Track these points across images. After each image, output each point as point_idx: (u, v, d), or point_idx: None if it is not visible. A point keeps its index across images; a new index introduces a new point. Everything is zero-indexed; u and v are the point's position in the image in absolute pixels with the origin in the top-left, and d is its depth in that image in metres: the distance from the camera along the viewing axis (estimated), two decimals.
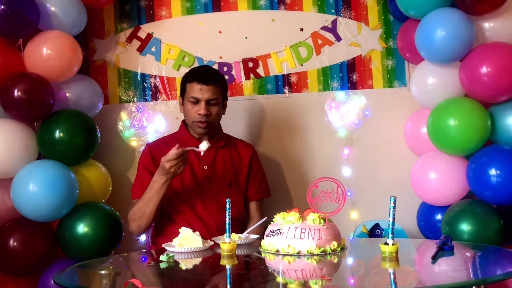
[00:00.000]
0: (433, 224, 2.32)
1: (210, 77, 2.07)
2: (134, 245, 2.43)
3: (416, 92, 2.36)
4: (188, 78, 2.09)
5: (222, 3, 2.56)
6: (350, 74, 2.59)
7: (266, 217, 1.87)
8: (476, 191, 2.17)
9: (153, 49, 2.54)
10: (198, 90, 2.04)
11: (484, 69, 2.08)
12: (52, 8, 2.15)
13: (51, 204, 2.02)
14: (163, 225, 2.06)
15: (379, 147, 2.56)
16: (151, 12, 2.54)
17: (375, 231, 2.41)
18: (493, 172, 2.07)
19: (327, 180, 1.58)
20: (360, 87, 2.59)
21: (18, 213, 2.07)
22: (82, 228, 2.09)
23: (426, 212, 2.38)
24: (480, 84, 2.11)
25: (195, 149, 1.93)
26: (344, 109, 2.56)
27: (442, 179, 2.24)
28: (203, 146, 1.92)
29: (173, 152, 1.86)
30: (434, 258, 1.42)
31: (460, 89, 2.22)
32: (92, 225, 2.10)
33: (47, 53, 2.10)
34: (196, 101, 2.05)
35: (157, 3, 2.54)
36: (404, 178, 2.42)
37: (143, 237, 2.40)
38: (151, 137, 2.49)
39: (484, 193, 2.14)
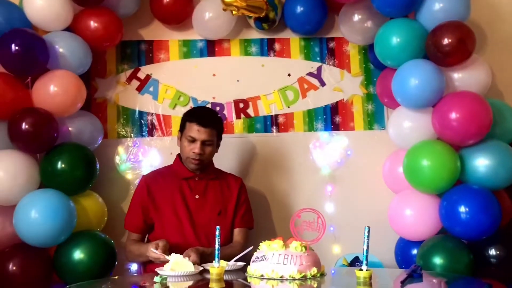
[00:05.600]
0: (409, 258, 2.45)
1: (208, 120, 2.25)
2: (126, 274, 2.50)
3: (393, 134, 2.54)
4: (189, 117, 2.26)
5: (216, 49, 2.76)
6: (333, 117, 2.77)
7: (252, 247, 2.01)
8: (447, 227, 2.32)
9: (151, 89, 2.70)
10: (196, 131, 2.21)
11: (453, 115, 2.25)
12: (61, 50, 2.32)
13: (51, 231, 2.13)
14: None
15: (360, 185, 2.71)
16: (150, 55, 2.72)
17: (355, 264, 2.54)
18: (463, 209, 2.22)
19: (308, 211, 1.74)
20: (342, 129, 2.77)
21: (17, 238, 2.17)
22: (78, 254, 2.19)
23: (403, 247, 2.52)
24: (450, 128, 2.29)
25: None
26: (328, 149, 2.74)
27: (417, 216, 2.39)
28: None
29: (155, 255, 2.00)
30: (403, 283, 1.57)
31: (432, 132, 2.40)
32: (88, 252, 2.20)
33: (54, 90, 2.25)
34: (193, 140, 2.22)
35: (157, 47, 2.74)
36: (383, 214, 2.54)
37: (134, 267, 2.51)
38: (146, 171, 2.61)
39: (455, 229, 2.28)
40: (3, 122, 2.23)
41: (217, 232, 1.71)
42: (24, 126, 2.16)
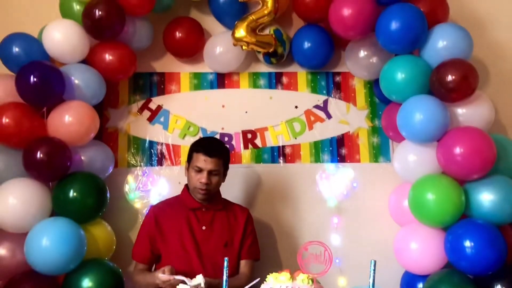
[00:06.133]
0: None
1: (215, 150, 2.29)
2: None
3: (398, 168, 2.57)
4: (196, 148, 2.32)
5: (226, 81, 2.84)
6: (340, 149, 2.82)
7: (259, 278, 2.02)
8: (453, 261, 2.32)
9: (161, 119, 2.76)
10: (203, 161, 2.26)
11: (458, 150, 2.28)
12: (76, 81, 2.40)
13: (61, 259, 2.16)
14: None
15: (366, 217, 2.73)
16: (162, 86, 2.80)
17: None
18: (468, 244, 2.22)
19: (316, 244, 1.77)
20: (348, 161, 2.81)
21: (27, 266, 2.20)
22: (87, 283, 2.21)
23: (409, 280, 2.52)
24: (455, 163, 2.32)
25: (185, 280, 1.97)
26: (334, 180, 2.78)
27: (422, 249, 2.39)
28: (196, 280, 1.98)
29: (164, 277, 2.04)
30: None
31: (437, 166, 2.42)
32: (97, 280, 2.22)
33: (69, 120, 2.32)
34: (200, 170, 2.27)
35: (168, 79, 2.81)
36: (388, 247, 2.55)
37: None
38: (154, 200, 2.65)
39: (460, 264, 2.29)
40: (18, 150, 2.30)
41: (225, 264, 1.74)
42: (38, 154, 2.22)
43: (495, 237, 2.24)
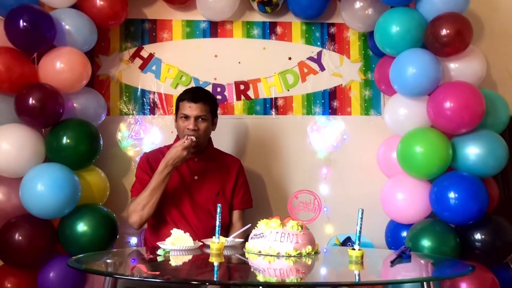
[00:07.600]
0: (399, 240, 2.55)
1: (199, 96, 2.30)
2: (126, 247, 2.59)
3: (389, 121, 2.62)
4: (181, 97, 2.33)
5: (219, 30, 2.80)
6: (331, 101, 2.84)
7: (250, 224, 2.10)
8: (437, 212, 2.42)
9: (153, 68, 2.75)
10: (188, 108, 2.27)
11: (448, 104, 2.33)
12: (67, 27, 2.36)
13: (56, 203, 2.20)
14: (156, 228, 2.27)
15: (354, 169, 2.79)
16: (154, 34, 2.76)
17: (346, 244, 2.65)
18: (452, 195, 2.32)
19: (305, 192, 1.83)
20: (339, 113, 2.84)
21: (22, 210, 2.25)
22: (82, 227, 2.28)
23: (393, 229, 2.62)
24: (444, 117, 2.37)
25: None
26: (325, 133, 2.82)
27: (408, 200, 2.48)
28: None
29: (187, 142, 2.14)
30: (393, 263, 1.67)
31: (427, 120, 2.48)
32: (91, 225, 2.29)
33: (60, 66, 2.31)
34: (186, 117, 2.28)
35: (160, 26, 2.77)
36: (375, 197, 2.64)
37: (134, 241, 2.61)
38: (147, 148, 2.68)
39: (443, 214, 2.39)
40: (10, 96, 2.28)
41: (218, 210, 1.80)
42: (31, 101, 2.22)
43: (478, 189, 2.33)
